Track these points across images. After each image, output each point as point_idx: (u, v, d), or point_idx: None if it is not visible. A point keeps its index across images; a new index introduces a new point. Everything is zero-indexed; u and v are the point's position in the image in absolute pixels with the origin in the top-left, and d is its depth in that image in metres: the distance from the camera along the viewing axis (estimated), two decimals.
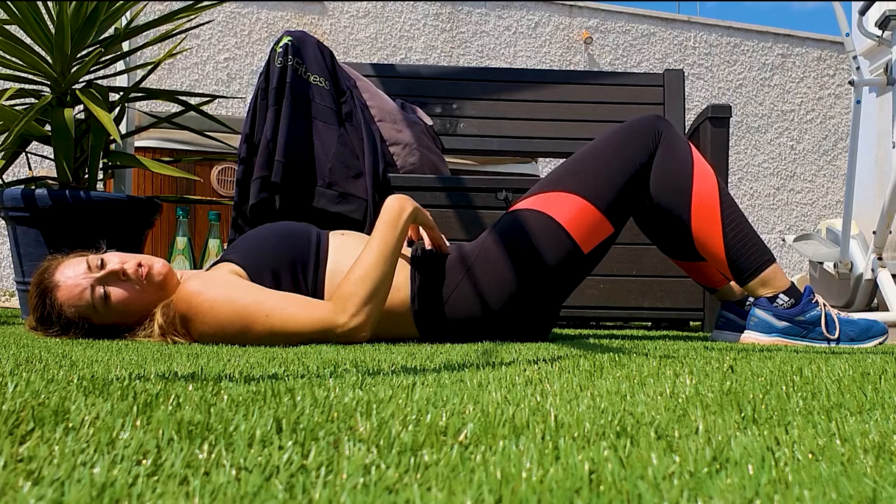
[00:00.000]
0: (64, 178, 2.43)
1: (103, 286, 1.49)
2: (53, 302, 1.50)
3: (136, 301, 1.51)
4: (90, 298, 1.49)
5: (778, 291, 1.70)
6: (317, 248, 1.60)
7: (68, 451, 0.48)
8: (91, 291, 1.49)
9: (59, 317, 1.50)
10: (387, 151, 2.46)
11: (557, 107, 2.94)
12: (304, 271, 1.56)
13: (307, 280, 1.57)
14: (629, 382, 0.88)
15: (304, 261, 1.57)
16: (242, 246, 1.61)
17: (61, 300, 1.50)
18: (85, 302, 1.49)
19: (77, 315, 1.50)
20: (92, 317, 1.51)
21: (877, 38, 3.04)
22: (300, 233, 1.63)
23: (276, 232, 1.63)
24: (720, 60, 6.64)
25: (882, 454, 0.52)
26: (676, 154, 1.68)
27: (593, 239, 1.65)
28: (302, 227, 1.65)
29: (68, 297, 1.50)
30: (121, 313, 1.51)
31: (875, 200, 3.90)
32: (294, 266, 1.56)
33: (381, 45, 6.11)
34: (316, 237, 1.62)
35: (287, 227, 1.65)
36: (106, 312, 1.50)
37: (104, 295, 1.49)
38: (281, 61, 2.20)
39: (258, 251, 1.57)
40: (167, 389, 0.73)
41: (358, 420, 0.60)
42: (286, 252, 1.57)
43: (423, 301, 1.60)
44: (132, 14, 2.78)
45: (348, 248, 1.61)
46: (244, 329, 1.45)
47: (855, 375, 0.97)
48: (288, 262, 1.55)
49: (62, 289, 1.50)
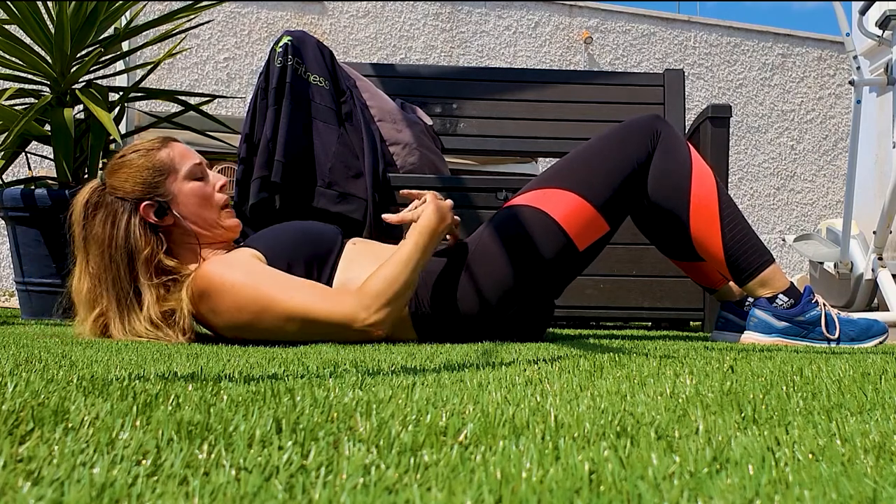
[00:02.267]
0: (64, 178, 2.43)
1: (201, 175, 1.58)
2: (167, 146, 1.58)
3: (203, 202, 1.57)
4: (191, 163, 1.57)
5: (777, 292, 1.70)
6: (336, 254, 1.61)
7: (68, 451, 0.48)
8: (198, 162, 1.59)
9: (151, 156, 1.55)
10: (387, 151, 2.45)
11: (557, 107, 2.94)
12: (319, 273, 1.57)
13: (319, 281, 1.57)
14: (629, 382, 0.88)
15: (320, 263, 1.58)
16: (266, 236, 1.63)
17: (174, 147, 1.58)
18: (180, 161, 1.56)
19: (166, 162, 1.55)
20: (169, 174, 1.55)
21: (877, 38, 3.04)
22: (326, 236, 1.64)
23: (302, 229, 1.66)
24: (720, 60, 6.64)
25: (882, 454, 0.52)
26: (675, 154, 1.68)
27: (589, 236, 1.65)
28: (329, 232, 1.66)
29: (181, 149, 1.59)
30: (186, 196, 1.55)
31: (875, 200, 3.90)
32: (310, 265, 1.56)
33: (380, 45, 6.11)
34: (340, 245, 1.63)
35: (314, 228, 1.67)
36: (181, 186, 1.55)
37: (202, 172, 1.58)
38: (281, 61, 2.20)
39: (281, 242, 1.59)
40: (167, 389, 0.73)
41: (358, 420, 0.60)
42: (306, 250, 1.58)
43: (422, 301, 1.60)
44: (132, 14, 2.78)
45: (355, 260, 1.60)
46: (262, 311, 1.45)
47: (855, 375, 0.97)
48: (304, 260, 1.56)
49: (179, 145, 1.60)
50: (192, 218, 1.56)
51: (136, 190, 1.53)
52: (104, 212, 1.54)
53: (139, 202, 1.53)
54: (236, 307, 1.45)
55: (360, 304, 1.46)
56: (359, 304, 1.46)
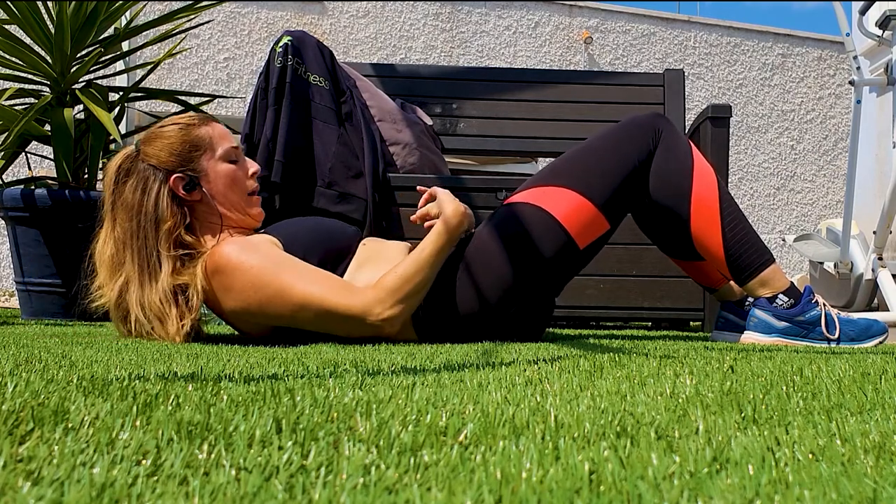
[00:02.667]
0: (64, 177, 2.43)
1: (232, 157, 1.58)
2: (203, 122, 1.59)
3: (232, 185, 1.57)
4: (229, 145, 1.58)
5: (777, 292, 1.70)
6: (350, 255, 1.62)
7: (68, 451, 0.48)
8: (234, 145, 1.60)
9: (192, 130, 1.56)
10: (387, 151, 2.45)
11: (557, 107, 2.94)
12: (333, 270, 1.57)
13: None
14: (629, 382, 0.88)
15: (334, 260, 1.58)
16: (285, 227, 1.63)
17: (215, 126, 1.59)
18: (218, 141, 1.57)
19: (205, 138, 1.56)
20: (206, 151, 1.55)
21: (877, 38, 3.04)
22: (344, 235, 1.65)
23: (321, 225, 1.67)
24: (720, 60, 6.64)
25: (882, 454, 0.52)
26: (676, 153, 1.68)
27: (589, 235, 1.65)
28: (348, 231, 1.68)
29: (221, 130, 1.60)
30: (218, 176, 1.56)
31: (875, 200, 3.90)
32: (324, 261, 1.56)
33: (380, 45, 6.11)
34: (356, 245, 1.64)
35: (333, 225, 1.69)
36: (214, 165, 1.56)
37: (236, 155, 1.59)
38: (281, 61, 2.20)
39: (299, 234, 1.59)
40: (167, 389, 0.73)
41: (358, 420, 0.60)
42: (323, 245, 1.59)
43: (425, 300, 1.59)
44: (132, 14, 2.78)
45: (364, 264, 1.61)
46: (276, 294, 1.45)
47: (855, 375, 0.97)
48: (319, 254, 1.56)
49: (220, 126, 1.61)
50: (219, 198, 1.56)
51: (169, 161, 1.54)
52: (135, 179, 1.54)
53: (170, 173, 1.53)
54: (252, 287, 1.45)
55: (376, 299, 1.47)
56: (374, 298, 1.47)
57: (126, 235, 1.52)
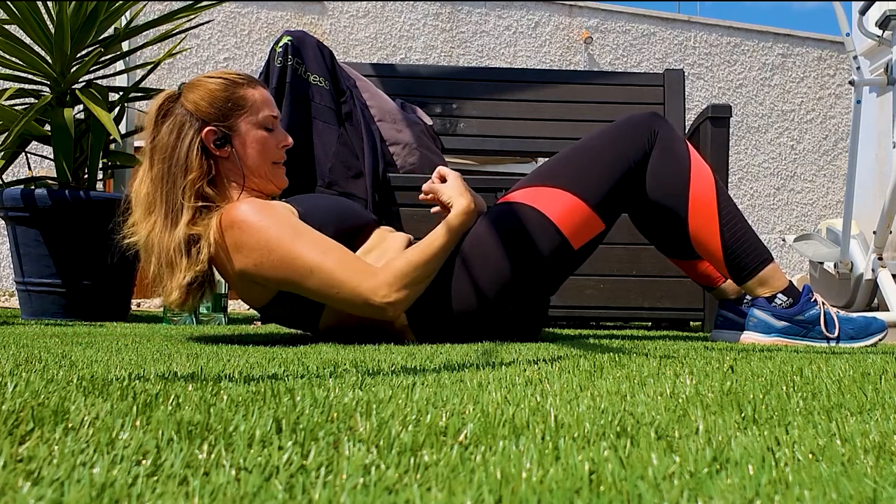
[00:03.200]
0: (64, 178, 2.43)
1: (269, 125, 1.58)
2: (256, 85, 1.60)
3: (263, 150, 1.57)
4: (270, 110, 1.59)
5: (776, 291, 1.70)
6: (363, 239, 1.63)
7: (68, 451, 0.48)
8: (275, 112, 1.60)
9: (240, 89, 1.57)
10: (387, 151, 2.46)
11: (557, 107, 2.94)
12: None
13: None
14: (629, 382, 0.88)
15: (346, 238, 1.58)
16: (303, 198, 1.64)
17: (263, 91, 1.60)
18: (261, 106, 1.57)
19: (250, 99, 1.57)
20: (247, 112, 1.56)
21: (877, 38, 3.04)
22: (361, 217, 1.67)
23: (339, 202, 1.69)
24: (720, 60, 6.64)
25: (882, 454, 0.52)
26: (673, 152, 1.68)
27: (584, 235, 1.65)
28: (366, 215, 1.70)
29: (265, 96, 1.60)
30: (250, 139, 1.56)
31: (875, 200, 3.90)
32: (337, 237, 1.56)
33: (380, 45, 6.11)
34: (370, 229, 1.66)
35: (352, 206, 1.70)
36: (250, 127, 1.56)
37: (272, 122, 1.59)
38: (281, 61, 2.20)
39: (316, 206, 1.60)
40: (167, 389, 0.73)
41: (358, 420, 0.60)
42: (338, 222, 1.59)
43: (422, 299, 1.59)
44: (132, 14, 2.78)
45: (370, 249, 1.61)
46: (289, 257, 1.45)
47: (855, 375, 0.97)
48: (333, 229, 1.56)
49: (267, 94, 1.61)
50: (247, 160, 1.57)
51: (208, 111, 1.54)
52: (172, 121, 1.55)
53: (206, 124, 1.54)
54: (265, 247, 1.45)
55: (384, 281, 1.48)
56: (383, 280, 1.48)
57: (158, 176, 1.53)
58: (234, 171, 1.57)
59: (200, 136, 1.53)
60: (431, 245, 1.53)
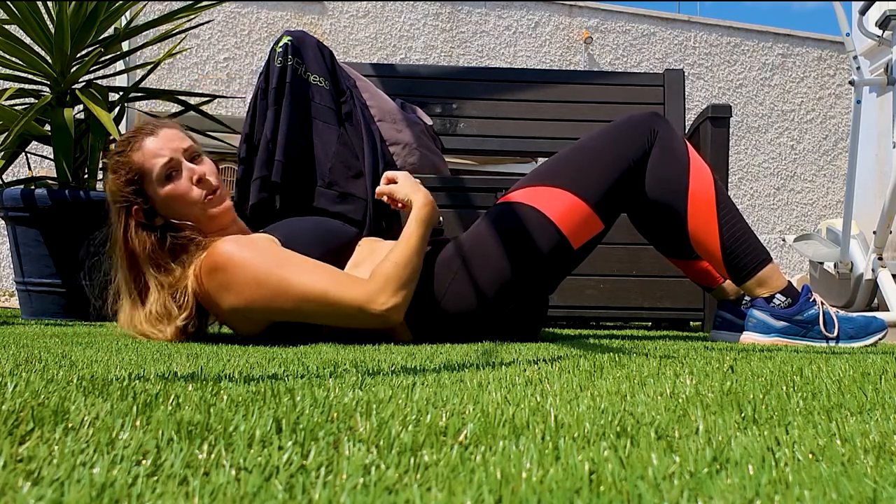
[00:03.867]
0: (64, 178, 2.43)
1: (175, 170, 1.53)
2: (136, 142, 1.54)
3: (183, 204, 1.53)
4: (156, 166, 1.51)
5: (775, 291, 1.70)
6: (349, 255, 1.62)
7: (68, 451, 0.48)
8: (164, 163, 1.52)
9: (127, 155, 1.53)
10: (387, 151, 2.45)
11: (557, 107, 2.94)
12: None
13: None
14: (629, 382, 0.88)
15: (332, 259, 1.58)
16: (282, 226, 1.64)
17: (142, 145, 1.53)
18: (150, 165, 1.52)
19: (137, 166, 1.53)
20: (143, 178, 1.53)
21: (877, 38, 3.04)
22: (341, 234, 1.66)
23: (319, 224, 1.68)
24: (720, 60, 6.64)
25: (882, 454, 0.52)
26: (672, 152, 1.68)
27: (583, 235, 1.65)
28: (348, 231, 1.69)
29: (147, 150, 1.52)
30: (164, 200, 1.53)
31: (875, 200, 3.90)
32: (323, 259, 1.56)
33: (380, 45, 6.11)
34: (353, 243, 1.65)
35: (333, 225, 1.70)
36: (155, 188, 1.53)
37: (170, 174, 1.52)
38: (281, 61, 2.20)
39: (297, 232, 1.60)
40: (167, 389, 0.73)
41: (358, 420, 0.60)
42: (322, 245, 1.59)
43: (419, 298, 1.59)
44: (132, 14, 2.78)
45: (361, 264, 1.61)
46: (278, 289, 1.44)
47: (855, 375, 0.97)
48: (318, 253, 1.56)
49: (152, 140, 1.54)
50: (178, 217, 1.55)
51: (123, 195, 1.54)
52: (112, 214, 1.58)
53: (131, 205, 1.54)
54: (254, 282, 1.44)
55: (377, 288, 1.47)
56: (376, 288, 1.47)
57: (119, 264, 1.56)
58: (184, 226, 1.55)
59: (133, 217, 1.54)
60: (409, 242, 1.53)
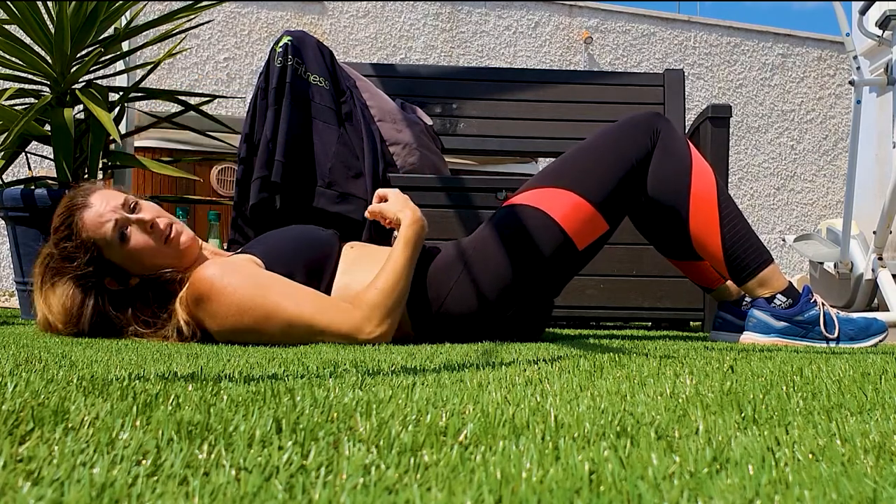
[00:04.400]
0: (63, 177, 2.42)
1: (126, 227, 1.51)
2: (76, 221, 1.51)
3: (149, 255, 1.52)
4: (108, 232, 1.50)
5: (776, 292, 1.70)
6: (335, 259, 1.61)
7: (68, 451, 0.48)
8: (113, 226, 1.50)
9: (76, 236, 1.50)
10: (387, 151, 2.45)
11: (557, 107, 2.94)
12: (319, 279, 1.56)
13: (319, 288, 1.57)
14: (629, 382, 0.88)
15: (319, 269, 1.57)
16: (262, 243, 1.62)
17: (84, 221, 1.50)
18: (102, 234, 1.50)
19: (90, 241, 1.50)
20: (103, 249, 1.51)
21: (877, 38, 3.04)
22: (321, 241, 1.63)
23: (299, 237, 1.64)
24: (720, 60, 6.64)
25: (882, 454, 0.52)
26: (675, 152, 1.68)
27: (588, 236, 1.65)
28: (324, 237, 1.66)
29: (91, 222, 1.50)
30: (129, 259, 1.52)
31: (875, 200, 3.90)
32: (311, 272, 1.56)
33: (380, 45, 6.11)
34: (338, 250, 1.63)
35: (312, 234, 1.66)
36: (117, 252, 1.51)
37: (123, 235, 1.50)
38: (281, 61, 2.20)
39: (277, 250, 1.58)
40: (167, 389, 0.73)
41: (358, 420, 0.60)
42: (304, 256, 1.57)
43: (421, 300, 1.60)
44: (132, 14, 2.77)
45: (355, 263, 1.61)
46: (264, 317, 1.44)
47: (855, 375, 0.97)
48: (303, 267, 1.55)
49: (91, 211, 1.51)
50: (150, 269, 1.53)
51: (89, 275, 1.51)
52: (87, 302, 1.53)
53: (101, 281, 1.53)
54: (238, 311, 1.43)
55: (364, 317, 1.47)
56: (363, 317, 1.47)
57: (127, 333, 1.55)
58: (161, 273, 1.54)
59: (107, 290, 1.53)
60: (396, 265, 1.52)
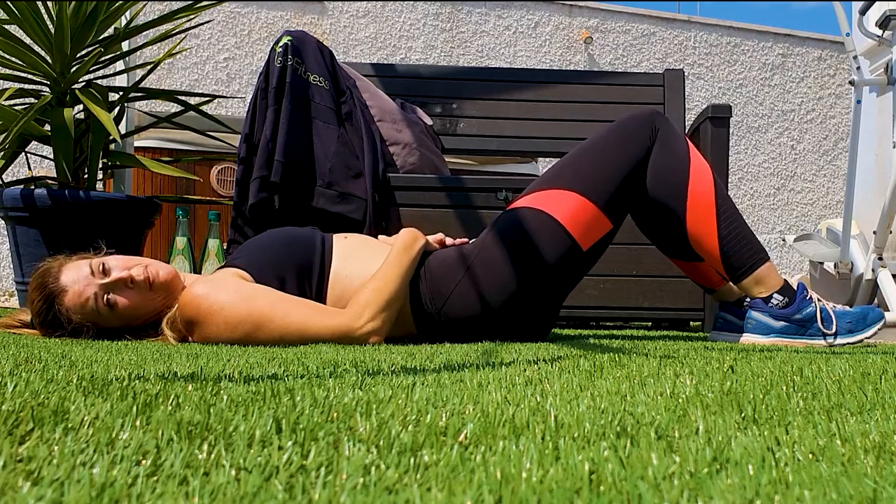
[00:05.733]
0: (63, 178, 2.42)
1: (108, 293, 1.49)
2: (61, 307, 1.49)
3: (142, 306, 1.51)
4: (95, 306, 1.48)
5: (772, 290, 1.70)
6: (321, 253, 1.61)
7: (68, 451, 0.48)
8: (96, 299, 1.48)
9: (68, 322, 1.49)
10: (387, 151, 2.45)
11: (557, 107, 2.94)
12: (309, 277, 1.57)
13: (311, 285, 1.57)
14: (629, 382, 0.88)
15: (308, 267, 1.58)
16: (246, 253, 1.61)
17: (68, 305, 1.48)
18: (90, 309, 1.49)
19: (84, 320, 1.49)
20: (97, 321, 1.50)
21: (877, 38, 3.03)
22: (305, 239, 1.63)
23: (280, 239, 1.64)
24: (720, 60, 6.64)
25: (882, 454, 0.52)
26: (673, 149, 1.68)
27: (592, 236, 1.65)
28: (306, 234, 1.65)
29: (74, 304, 1.48)
30: (126, 318, 1.51)
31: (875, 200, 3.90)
32: (300, 273, 1.56)
33: (380, 45, 6.11)
34: (321, 242, 1.63)
35: (291, 234, 1.66)
36: (112, 318, 1.50)
37: (109, 302, 1.49)
38: (281, 61, 2.20)
39: (263, 258, 1.58)
40: (167, 390, 0.73)
41: (358, 420, 0.60)
42: (291, 258, 1.58)
43: (423, 300, 1.60)
44: (132, 14, 2.77)
45: (351, 252, 1.61)
46: (255, 329, 1.45)
47: (855, 375, 0.97)
48: (293, 269, 1.56)
49: (69, 294, 1.49)
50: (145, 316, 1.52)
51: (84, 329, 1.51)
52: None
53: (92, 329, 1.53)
54: (229, 327, 1.44)
55: (353, 315, 1.48)
56: (352, 315, 1.48)
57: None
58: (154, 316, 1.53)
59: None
60: (386, 269, 1.55)
